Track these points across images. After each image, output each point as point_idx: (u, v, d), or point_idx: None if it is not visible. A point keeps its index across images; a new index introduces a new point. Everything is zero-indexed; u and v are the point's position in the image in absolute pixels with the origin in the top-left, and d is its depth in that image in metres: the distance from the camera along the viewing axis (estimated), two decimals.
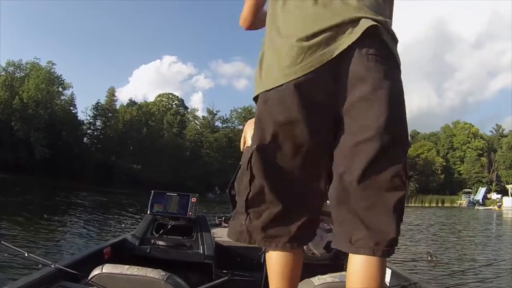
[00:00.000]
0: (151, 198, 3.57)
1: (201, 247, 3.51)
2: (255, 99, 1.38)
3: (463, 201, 78.80)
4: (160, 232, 3.52)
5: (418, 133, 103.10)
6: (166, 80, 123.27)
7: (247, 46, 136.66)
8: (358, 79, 1.24)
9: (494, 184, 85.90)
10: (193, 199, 3.59)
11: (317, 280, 1.93)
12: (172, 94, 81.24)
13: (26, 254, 2.21)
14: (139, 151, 60.34)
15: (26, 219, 13.05)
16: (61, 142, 52.92)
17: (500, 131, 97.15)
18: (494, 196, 76.31)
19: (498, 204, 57.87)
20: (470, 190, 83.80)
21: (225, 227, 5.12)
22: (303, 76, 1.23)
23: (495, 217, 37.80)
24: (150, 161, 58.85)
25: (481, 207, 61.23)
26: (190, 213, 3.53)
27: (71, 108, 59.85)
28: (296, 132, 1.29)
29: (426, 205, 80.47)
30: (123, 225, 12.68)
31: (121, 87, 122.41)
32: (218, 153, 69.54)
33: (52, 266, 2.20)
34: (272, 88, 1.29)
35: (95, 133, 63.71)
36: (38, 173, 43.18)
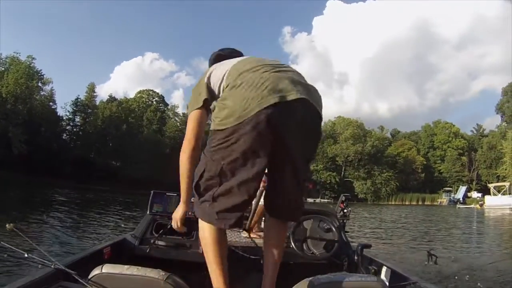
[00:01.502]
0: (150, 198, 3.76)
1: (200, 247, 3.34)
2: None
3: (443, 199, 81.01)
4: (160, 232, 3.60)
5: (399, 132, 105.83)
6: (147, 76, 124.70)
7: (229, 44, 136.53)
8: None
9: (474, 183, 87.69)
10: (193, 199, 3.58)
11: (317, 279, 1.92)
12: (152, 90, 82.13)
13: (26, 255, 2.21)
14: (118, 148, 60.86)
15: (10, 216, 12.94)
16: (40, 138, 52.97)
17: (480, 131, 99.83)
18: (474, 194, 78.06)
19: (480, 202, 58.69)
20: (450, 188, 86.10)
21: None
22: None
23: (476, 215, 38.81)
24: (129, 158, 59.46)
25: (462, 206, 62.33)
26: (189, 213, 3.37)
27: (51, 103, 60.11)
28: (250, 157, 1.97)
29: (407, 203, 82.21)
30: (122, 225, 13.36)
31: (102, 83, 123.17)
32: None
33: (52, 266, 2.23)
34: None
35: (74, 129, 64.00)
36: (16, 169, 43.42)
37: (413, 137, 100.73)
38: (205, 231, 2.15)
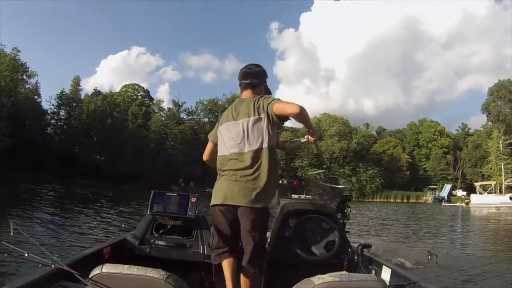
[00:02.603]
0: (151, 198, 3.79)
1: (201, 246, 3.76)
2: None
3: (428, 197, 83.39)
4: (160, 232, 3.75)
5: (384, 129, 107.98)
6: (133, 71, 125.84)
7: (216, 40, 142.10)
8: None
9: (459, 182, 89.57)
10: (193, 199, 3.79)
11: (317, 279, 1.98)
12: (137, 85, 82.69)
13: (26, 254, 2.24)
14: (103, 142, 61.11)
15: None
16: (24, 131, 53.69)
17: (466, 130, 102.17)
18: (459, 193, 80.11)
19: (465, 201, 59.85)
20: (435, 186, 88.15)
21: None
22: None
23: (462, 213, 40.26)
24: (114, 153, 59.82)
25: (447, 204, 63.82)
26: (190, 213, 3.75)
27: (35, 97, 59.86)
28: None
29: (391, 200, 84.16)
30: (123, 225, 13.49)
31: (88, 77, 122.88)
32: (183, 145, 70.84)
33: (52, 266, 2.27)
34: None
35: (59, 123, 63.56)
36: None
37: (398, 135, 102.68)
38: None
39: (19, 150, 49.69)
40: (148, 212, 3.81)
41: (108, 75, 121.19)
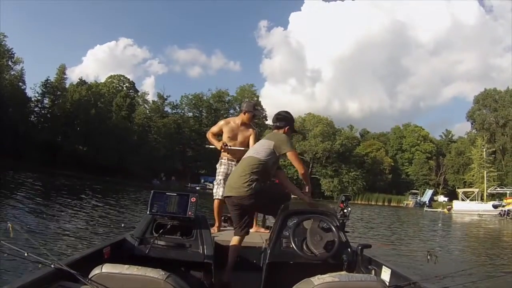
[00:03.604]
0: (150, 198, 3.82)
1: (200, 246, 3.79)
2: None
3: (410, 201, 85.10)
4: (160, 232, 3.77)
5: (368, 132, 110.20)
6: (120, 62, 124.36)
7: (204, 35, 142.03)
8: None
9: (441, 187, 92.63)
10: (193, 199, 3.81)
11: (317, 280, 1.98)
12: (123, 76, 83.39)
13: (25, 254, 2.25)
14: (86, 133, 61.29)
15: None
16: (7, 119, 52.03)
17: (449, 136, 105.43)
18: (441, 198, 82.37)
19: (448, 207, 61.41)
20: (417, 191, 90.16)
21: (224, 227, 6.12)
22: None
23: (443, 218, 41.49)
24: (97, 144, 60.47)
25: (429, 209, 65.56)
26: (189, 213, 3.78)
27: (20, 84, 59.83)
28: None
29: (373, 203, 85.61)
30: (122, 225, 13.03)
31: (74, 66, 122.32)
32: (165, 139, 72.23)
33: (52, 266, 2.30)
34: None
35: (43, 111, 63.81)
36: None
37: (382, 138, 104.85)
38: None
39: (1, 137, 47.99)
40: (147, 212, 3.83)
41: (94, 65, 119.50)
